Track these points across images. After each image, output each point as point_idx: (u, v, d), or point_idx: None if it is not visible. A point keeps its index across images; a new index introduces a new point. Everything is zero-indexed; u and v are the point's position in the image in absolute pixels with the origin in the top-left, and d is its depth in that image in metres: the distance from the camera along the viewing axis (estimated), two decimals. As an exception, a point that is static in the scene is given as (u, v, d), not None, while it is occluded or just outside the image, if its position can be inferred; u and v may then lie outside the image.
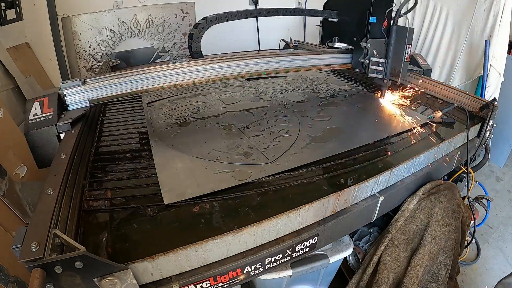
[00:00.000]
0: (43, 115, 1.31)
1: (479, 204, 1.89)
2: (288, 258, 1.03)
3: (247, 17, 1.72)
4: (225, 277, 0.92)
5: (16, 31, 2.72)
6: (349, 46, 2.09)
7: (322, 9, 2.17)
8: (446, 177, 1.69)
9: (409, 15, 3.32)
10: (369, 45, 1.85)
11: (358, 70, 2.09)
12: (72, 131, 1.32)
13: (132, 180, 1.19)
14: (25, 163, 1.84)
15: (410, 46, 1.72)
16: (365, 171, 1.27)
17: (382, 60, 1.82)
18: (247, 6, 4.13)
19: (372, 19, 1.80)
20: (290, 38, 3.22)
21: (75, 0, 3.11)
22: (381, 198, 1.18)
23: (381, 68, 1.84)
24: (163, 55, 3.68)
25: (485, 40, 2.77)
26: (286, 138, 1.49)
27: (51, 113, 1.32)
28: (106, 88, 1.49)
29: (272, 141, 1.45)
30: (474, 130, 1.60)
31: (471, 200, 1.71)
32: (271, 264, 1.00)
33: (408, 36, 1.69)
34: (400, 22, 1.73)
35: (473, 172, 1.67)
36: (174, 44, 3.74)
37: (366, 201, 1.16)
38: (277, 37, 3.28)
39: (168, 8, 3.55)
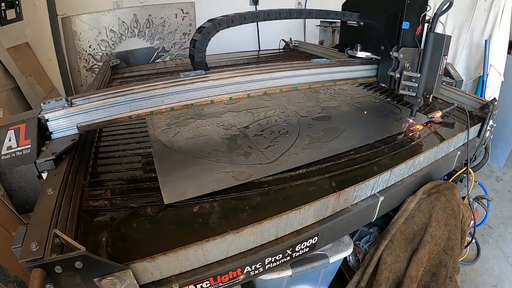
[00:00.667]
0: (19, 148, 1.02)
1: (479, 204, 1.89)
2: (288, 258, 1.03)
3: (262, 20, 1.49)
4: (225, 277, 0.92)
5: (16, 31, 2.72)
6: (374, 56, 1.77)
7: (341, 10, 1.85)
8: (446, 177, 1.69)
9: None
10: (401, 55, 1.55)
11: (384, 85, 1.77)
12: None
13: (132, 180, 1.19)
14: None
15: (446, 57, 1.49)
16: (365, 171, 1.27)
17: (417, 75, 1.53)
18: (247, 6, 4.13)
19: (405, 25, 1.53)
20: (290, 38, 3.22)
21: (75, 0, 3.11)
22: (381, 198, 1.18)
23: (414, 84, 1.55)
24: (163, 55, 3.69)
25: (485, 40, 2.78)
26: (286, 138, 1.49)
27: (29, 145, 1.02)
28: (99, 110, 1.19)
29: (272, 141, 1.45)
30: (474, 130, 1.60)
31: (471, 200, 1.71)
32: (271, 264, 1.00)
33: (445, 45, 1.45)
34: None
35: (473, 172, 1.67)
36: (174, 44, 3.75)
37: (366, 201, 1.17)
38: (277, 37, 3.28)
39: (168, 8, 3.55)
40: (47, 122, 1.13)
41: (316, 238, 1.05)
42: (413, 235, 1.39)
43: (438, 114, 1.65)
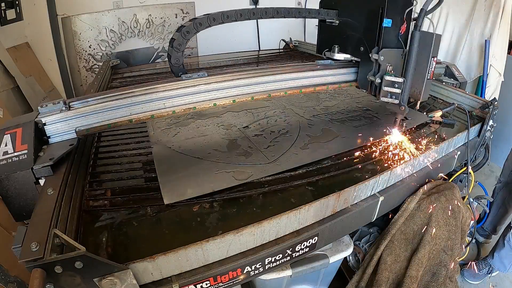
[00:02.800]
0: (16, 154, 0.97)
1: (479, 204, 1.89)
2: (288, 258, 1.03)
3: (243, 19, 1.32)
4: (225, 277, 0.92)
5: (16, 31, 2.72)
6: (354, 58, 1.58)
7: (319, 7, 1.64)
8: (446, 177, 1.69)
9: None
10: (382, 57, 1.36)
11: (364, 91, 1.58)
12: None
13: (132, 180, 1.19)
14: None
15: (435, 58, 1.30)
16: (365, 170, 1.27)
17: (400, 80, 1.34)
18: (247, 6, 4.13)
19: (387, 22, 1.34)
20: (290, 38, 3.22)
21: (75, 0, 3.10)
22: (381, 198, 1.18)
23: (397, 90, 1.36)
24: (163, 55, 3.68)
25: (485, 40, 2.78)
26: (286, 138, 1.49)
27: (26, 151, 0.98)
28: (98, 114, 1.14)
29: (272, 141, 1.45)
30: (474, 130, 1.60)
31: (471, 200, 1.71)
32: (271, 264, 1.00)
33: (434, 45, 1.26)
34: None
35: (473, 172, 1.67)
36: (174, 44, 3.74)
37: (366, 201, 1.16)
38: (277, 37, 3.28)
39: (168, 8, 3.55)
40: (45, 126, 1.08)
41: (316, 238, 1.05)
42: (413, 235, 1.39)
43: (438, 114, 1.65)
